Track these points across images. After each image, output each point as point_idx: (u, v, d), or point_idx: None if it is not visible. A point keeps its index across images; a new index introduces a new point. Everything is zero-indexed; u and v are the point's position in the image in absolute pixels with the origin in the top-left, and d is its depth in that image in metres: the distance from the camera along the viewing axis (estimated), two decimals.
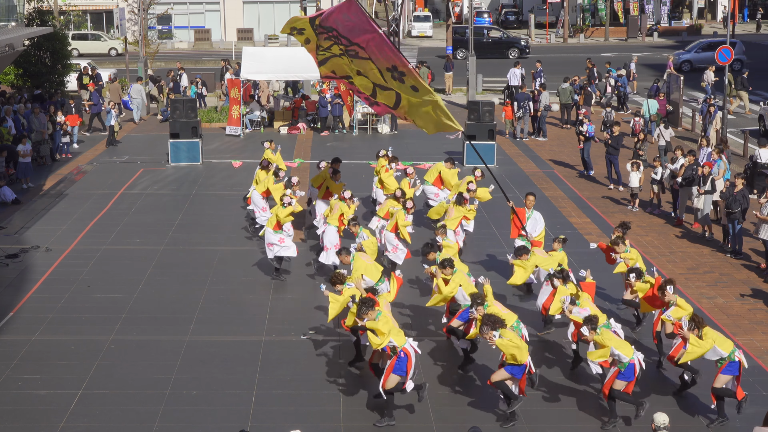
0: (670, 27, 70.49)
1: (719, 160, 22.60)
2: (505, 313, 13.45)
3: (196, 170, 27.61)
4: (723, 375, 12.59)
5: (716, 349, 12.54)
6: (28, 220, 22.29)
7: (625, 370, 12.47)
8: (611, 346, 12.44)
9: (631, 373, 12.49)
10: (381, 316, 12.45)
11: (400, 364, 12.37)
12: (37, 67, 35.18)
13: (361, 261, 14.91)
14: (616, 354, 12.42)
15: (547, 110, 33.32)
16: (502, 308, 13.71)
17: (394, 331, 12.50)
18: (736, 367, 12.57)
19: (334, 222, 18.02)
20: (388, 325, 12.45)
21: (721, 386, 12.64)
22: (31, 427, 12.64)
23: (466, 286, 14.48)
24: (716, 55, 29.72)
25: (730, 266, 19.29)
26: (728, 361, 12.53)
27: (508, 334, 12.38)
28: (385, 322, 12.44)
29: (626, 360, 12.41)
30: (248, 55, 33.13)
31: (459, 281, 14.47)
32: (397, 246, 17.76)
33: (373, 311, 12.39)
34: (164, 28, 63.35)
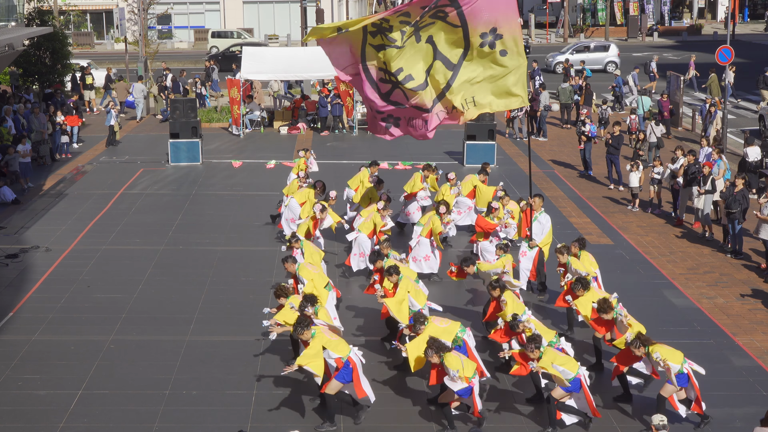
0: (670, 27, 70.52)
1: (719, 160, 22.61)
2: (446, 326, 13.16)
3: (196, 170, 27.60)
4: (669, 385, 12.39)
5: (667, 363, 12.30)
6: (28, 220, 22.29)
7: (570, 383, 12.29)
8: (553, 364, 12.20)
9: (576, 387, 12.28)
10: (316, 335, 12.32)
11: (345, 372, 12.30)
12: (37, 67, 35.17)
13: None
14: (560, 370, 12.21)
15: (548, 110, 33.32)
16: (441, 323, 13.30)
17: (333, 344, 12.34)
18: (685, 378, 12.37)
19: (365, 230, 17.99)
20: (318, 347, 12.23)
21: (667, 395, 12.45)
22: (31, 427, 12.64)
23: (414, 293, 14.30)
24: (716, 55, 29.70)
25: (730, 266, 19.29)
26: (677, 373, 12.31)
27: (451, 359, 12.11)
28: (317, 343, 12.25)
29: (571, 376, 12.23)
30: (248, 55, 33.13)
31: (406, 288, 14.24)
32: (428, 256, 17.77)
33: (308, 330, 12.29)
34: (164, 28, 63.40)
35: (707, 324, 16.26)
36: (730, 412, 13.07)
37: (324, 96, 33.56)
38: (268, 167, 27.91)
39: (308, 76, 34.50)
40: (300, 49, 38.28)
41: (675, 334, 15.78)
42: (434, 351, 12.14)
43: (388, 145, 31.00)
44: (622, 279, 18.48)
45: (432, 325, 13.08)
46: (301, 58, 33.84)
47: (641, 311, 16.82)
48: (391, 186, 25.48)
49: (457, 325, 13.34)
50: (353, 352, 12.50)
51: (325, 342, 12.31)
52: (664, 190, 23.71)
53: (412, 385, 13.84)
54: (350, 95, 33.12)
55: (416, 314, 13.38)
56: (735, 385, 13.94)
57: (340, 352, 12.34)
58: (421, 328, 12.96)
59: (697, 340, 15.57)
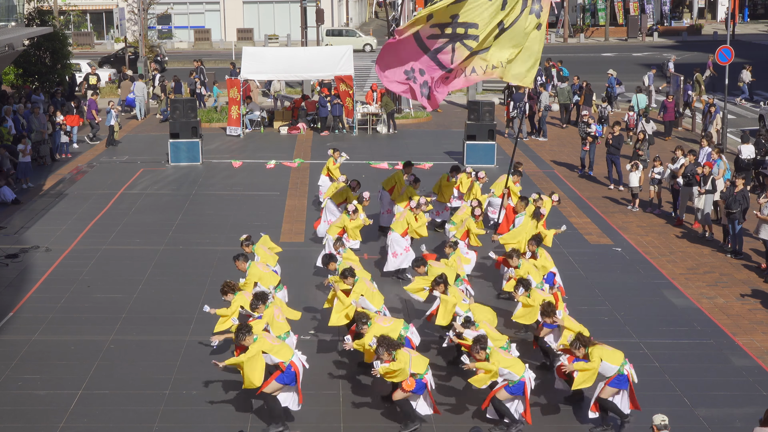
0: (670, 27, 70.53)
1: (719, 160, 22.62)
2: (389, 325, 13.14)
3: (196, 170, 27.61)
4: (609, 387, 12.28)
5: (605, 365, 12.21)
6: (28, 220, 22.30)
7: (513, 386, 12.21)
8: (499, 367, 12.10)
9: (519, 390, 12.21)
10: (257, 340, 12.27)
11: (286, 375, 12.26)
12: (37, 67, 35.19)
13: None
14: (505, 373, 12.12)
15: (548, 110, 33.33)
16: (384, 322, 13.27)
17: (275, 349, 12.30)
18: (624, 380, 12.24)
19: (398, 229, 17.97)
20: (257, 351, 12.18)
21: (606, 398, 12.35)
22: (31, 427, 12.64)
23: (369, 295, 14.23)
24: (716, 55, 29.73)
25: (730, 266, 19.29)
26: (616, 374, 12.19)
27: (400, 356, 12.06)
28: (257, 347, 12.20)
29: (516, 378, 12.15)
30: (248, 55, 33.14)
31: (360, 290, 14.19)
32: (465, 253, 17.79)
33: (250, 336, 12.25)
34: (164, 28, 63.40)
35: (707, 324, 16.26)
36: (730, 412, 13.07)
37: (324, 96, 33.56)
38: (268, 167, 27.92)
39: (308, 76, 34.51)
40: (300, 49, 38.32)
41: (675, 334, 15.79)
42: (385, 349, 12.08)
43: (388, 145, 31.03)
44: (622, 279, 18.49)
45: (376, 324, 13.08)
46: (301, 58, 33.86)
47: (641, 311, 16.87)
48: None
49: (400, 322, 13.36)
50: (296, 356, 12.45)
51: (266, 348, 12.25)
52: (664, 190, 23.71)
53: None
54: (350, 95, 33.12)
55: (358, 313, 13.37)
56: (735, 385, 13.94)
57: (282, 356, 12.28)
58: (364, 328, 12.96)
59: (697, 340, 15.58)
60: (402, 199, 19.93)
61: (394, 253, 17.87)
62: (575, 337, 12.47)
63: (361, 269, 14.97)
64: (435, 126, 35.04)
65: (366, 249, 19.37)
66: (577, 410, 13.15)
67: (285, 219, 22.41)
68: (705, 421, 12.87)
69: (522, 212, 17.55)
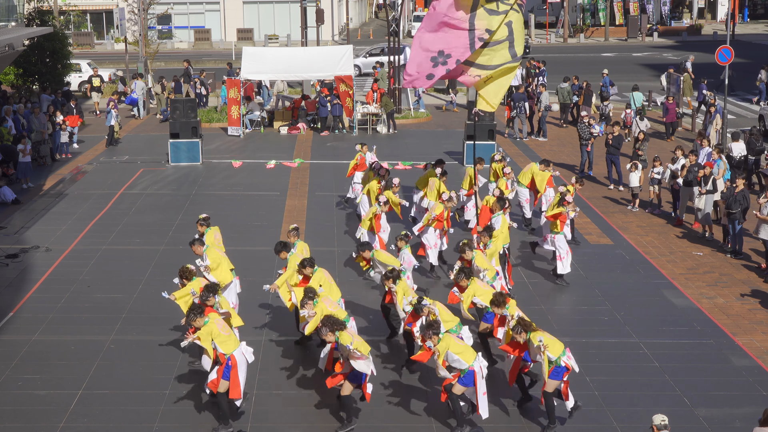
0: (670, 27, 70.53)
1: (719, 160, 22.61)
2: (334, 309, 13.21)
3: (196, 170, 27.61)
4: (551, 380, 12.17)
5: (546, 354, 12.11)
6: (28, 220, 22.30)
7: (464, 376, 12.14)
8: (448, 351, 12.03)
9: (470, 380, 12.12)
10: (208, 323, 12.30)
11: (227, 369, 12.26)
12: (37, 67, 35.20)
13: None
14: (455, 359, 12.06)
15: (548, 110, 33.34)
16: (330, 305, 13.32)
17: (222, 338, 12.29)
18: (563, 370, 12.18)
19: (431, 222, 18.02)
20: (208, 333, 12.24)
21: (551, 391, 12.29)
22: (31, 427, 12.64)
23: (327, 287, 14.22)
24: (716, 55, 29.72)
25: (730, 266, 19.29)
26: (555, 365, 12.12)
27: (345, 337, 12.09)
28: (208, 330, 12.24)
29: (465, 366, 12.08)
30: (248, 55, 33.15)
31: (319, 281, 14.20)
32: None
33: (201, 318, 12.28)
34: (164, 28, 63.38)
35: (707, 324, 16.26)
36: (730, 412, 13.07)
37: (324, 96, 33.56)
38: (268, 167, 27.92)
39: (308, 76, 34.52)
40: (300, 49, 38.31)
41: (675, 334, 15.80)
42: (329, 329, 12.11)
43: (388, 145, 31.01)
44: (622, 279, 18.50)
45: (322, 304, 13.17)
46: (301, 58, 33.87)
47: (641, 311, 16.87)
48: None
49: (343, 313, 13.44)
50: (240, 349, 12.43)
51: (215, 334, 12.30)
52: (664, 190, 23.72)
53: (410, 382, 13.85)
54: (350, 95, 33.14)
55: (306, 288, 13.42)
56: (735, 385, 13.94)
57: (226, 348, 12.29)
58: (309, 303, 13.04)
59: (697, 340, 15.58)
60: (432, 195, 20.00)
61: (427, 246, 17.99)
62: (516, 322, 12.39)
63: None
64: (435, 126, 35.04)
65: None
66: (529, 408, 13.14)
67: (285, 219, 22.41)
68: (705, 421, 12.87)
69: (498, 212, 17.54)
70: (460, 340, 12.57)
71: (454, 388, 12.23)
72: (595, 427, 12.73)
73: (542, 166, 20.88)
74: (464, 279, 14.07)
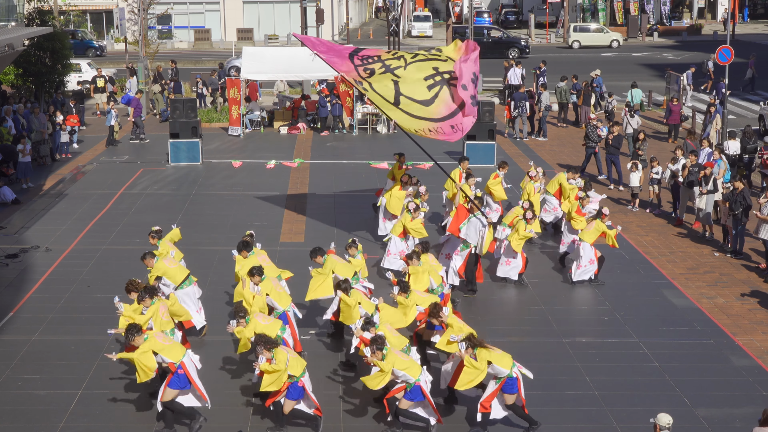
0: (670, 27, 70.52)
1: (720, 160, 22.61)
2: (267, 324, 13.14)
3: (196, 170, 27.61)
4: (507, 394, 12.16)
5: (495, 367, 12.10)
6: (28, 220, 22.29)
7: (410, 391, 12.10)
8: (394, 368, 11.97)
9: (417, 395, 12.09)
10: (148, 339, 12.26)
11: (177, 378, 12.25)
12: (37, 67, 35.17)
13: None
14: (400, 374, 12.01)
15: (548, 110, 33.34)
16: (263, 320, 13.26)
17: (166, 349, 12.29)
18: (514, 383, 12.14)
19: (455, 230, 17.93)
20: (147, 349, 12.20)
21: (511, 404, 12.26)
22: (31, 427, 12.64)
23: (275, 295, 14.19)
24: (716, 55, 29.72)
25: (731, 266, 19.29)
26: (507, 378, 12.08)
27: (279, 355, 12.05)
28: (148, 346, 12.21)
29: (411, 381, 12.04)
30: (248, 55, 33.14)
31: (266, 289, 14.14)
32: (511, 260, 17.79)
33: (140, 336, 12.24)
34: (164, 28, 63.36)
35: (707, 324, 16.26)
36: (730, 412, 13.07)
37: (324, 96, 33.56)
38: (268, 167, 27.92)
39: (308, 76, 34.46)
40: (300, 49, 38.23)
41: (675, 334, 15.80)
42: (263, 346, 12.06)
43: (388, 145, 31.00)
44: (622, 279, 18.50)
45: (254, 320, 13.10)
46: (301, 58, 33.76)
47: (641, 311, 16.87)
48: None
49: (278, 323, 13.40)
50: (187, 356, 12.42)
51: (157, 348, 12.25)
52: (664, 190, 23.72)
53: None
54: (350, 95, 33.13)
55: (237, 305, 13.38)
56: (735, 385, 13.94)
57: (173, 357, 12.27)
58: (242, 322, 12.99)
59: (697, 340, 15.58)
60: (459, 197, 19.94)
61: (447, 255, 17.93)
62: (465, 337, 12.26)
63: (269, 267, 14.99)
64: None
65: (369, 248, 19.34)
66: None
67: (285, 219, 22.41)
68: (705, 421, 12.87)
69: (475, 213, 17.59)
70: (405, 355, 12.42)
71: (400, 404, 12.19)
72: (595, 427, 12.73)
73: (570, 174, 20.59)
74: (401, 293, 13.89)
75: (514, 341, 15.42)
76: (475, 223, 17.29)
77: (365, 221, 21.93)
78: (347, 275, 14.75)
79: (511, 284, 18.09)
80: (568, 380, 14.06)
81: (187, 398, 12.47)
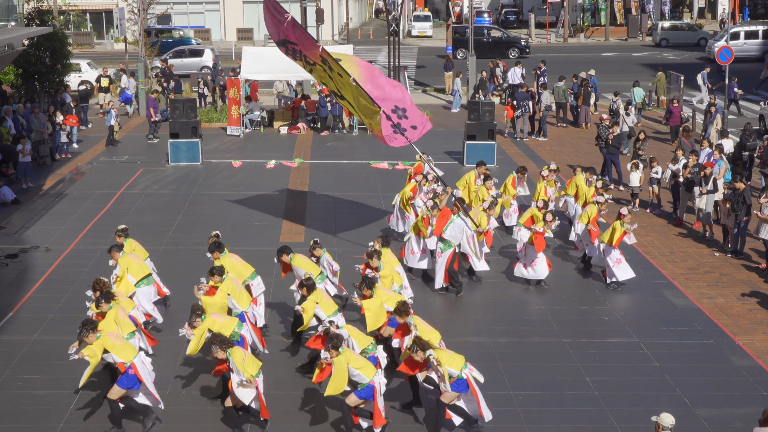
0: None
1: (720, 160, 22.61)
2: (224, 321, 13.13)
3: (196, 170, 27.60)
4: (451, 391, 12.01)
5: (446, 369, 11.97)
6: (28, 220, 22.29)
7: (363, 389, 12.04)
8: (348, 365, 11.90)
9: (368, 394, 12.02)
10: (100, 338, 12.28)
11: (126, 378, 12.26)
12: (37, 67, 35.16)
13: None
14: (355, 374, 11.95)
15: (548, 110, 33.35)
16: (219, 317, 13.26)
17: (118, 348, 12.30)
18: (464, 384, 12.03)
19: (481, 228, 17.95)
20: (98, 348, 12.22)
21: (449, 402, 12.13)
22: (31, 427, 12.64)
23: (236, 295, 14.18)
24: (716, 55, 29.71)
25: (731, 266, 19.29)
26: (455, 379, 11.98)
27: (237, 353, 12.03)
28: (100, 344, 12.23)
29: (366, 381, 11.99)
30: (248, 55, 33.13)
31: (227, 289, 14.14)
32: (535, 260, 17.76)
33: (93, 333, 12.24)
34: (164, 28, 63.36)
35: (707, 324, 16.26)
36: (730, 412, 13.07)
37: (324, 96, 33.56)
38: (268, 167, 27.92)
39: (308, 76, 34.43)
40: None
41: (675, 334, 15.80)
42: (218, 346, 12.05)
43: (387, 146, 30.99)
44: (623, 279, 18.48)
45: (210, 318, 13.07)
46: None
47: (641, 311, 16.87)
48: (391, 186, 25.53)
49: (234, 320, 13.38)
50: (138, 358, 12.42)
51: (108, 346, 12.27)
52: (664, 190, 23.71)
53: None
54: None
55: (194, 305, 13.36)
56: (735, 385, 13.94)
57: (124, 357, 12.28)
58: (198, 321, 12.97)
59: (697, 340, 15.58)
60: (475, 200, 19.91)
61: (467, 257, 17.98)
62: (413, 341, 12.19)
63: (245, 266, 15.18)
64: (435, 126, 34.90)
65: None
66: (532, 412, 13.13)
67: (285, 219, 22.41)
68: (705, 421, 12.87)
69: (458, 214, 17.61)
70: (361, 356, 12.35)
71: (348, 399, 12.15)
72: (595, 427, 12.73)
73: (587, 174, 20.62)
74: (366, 288, 13.86)
75: (515, 341, 15.43)
76: (459, 224, 17.29)
77: (365, 221, 21.94)
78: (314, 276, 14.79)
79: (511, 285, 18.08)
80: (568, 380, 14.06)
81: (140, 398, 12.48)
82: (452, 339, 15.50)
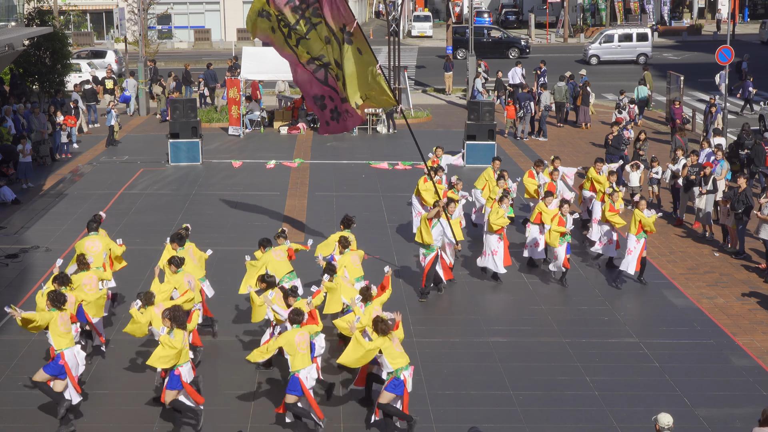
0: (670, 27, 70.50)
1: (722, 161, 22.60)
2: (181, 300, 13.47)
3: (196, 170, 27.60)
4: (386, 392, 12.02)
5: (383, 360, 11.98)
6: (28, 220, 22.29)
7: (289, 382, 12.20)
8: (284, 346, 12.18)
9: (295, 387, 12.13)
10: (54, 312, 12.71)
11: (53, 365, 12.52)
12: (37, 67, 35.20)
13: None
14: (287, 358, 12.14)
15: (548, 110, 33.34)
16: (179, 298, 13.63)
17: (58, 333, 12.59)
18: (400, 385, 11.98)
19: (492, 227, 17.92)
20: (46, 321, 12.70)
21: (385, 402, 12.09)
22: (31, 427, 12.64)
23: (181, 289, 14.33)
24: (716, 55, 29.72)
25: (731, 266, 19.29)
26: (393, 377, 11.96)
27: (179, 335, 12.18)
28: (47, 320, 12.67)
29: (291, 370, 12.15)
30: (248, 55, 33.13)
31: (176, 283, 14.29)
32: (556, 255, 17.80)
33: (50, 311, 12.67)
34: (164, 28, 63.41)
35: (707, 324, 16.26)
36: (730, 412, 13.07)
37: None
38: (268, 167, 27.92)
39: None
40: None
41: (675, 334, 15.80)
42: (172, 323, 12.23)
43: (387, 145, 31.03)
44: (622, 279, 18.47)
45: (151, 311, 13.25)
46: None
47: (641, 311, 16.88)
48: (391, 186, 25.55)
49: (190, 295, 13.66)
50: (71, 351, 12.62)
51: (51, 327, 12.67)
52: (664, 190, 23.70)
53: None
54: None
55: (147, 292, 13.54)
56: (735, 385, 13.94)
57: (57, 344, 12.59)
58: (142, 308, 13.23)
59: (697, 340, 15.58)
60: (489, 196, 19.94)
61: (491, 252, 17.95)
62: (374, 320, 12.18)
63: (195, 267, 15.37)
64: (435, 126, 35.04)
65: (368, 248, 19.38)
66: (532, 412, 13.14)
67: (285, 219, 22.41)
68: (705, 421, 12.87)
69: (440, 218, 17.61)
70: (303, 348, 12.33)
71: (287, 398, 12.25)
72: (595, 427, 12.73)
73: (599, 165, 20.74)
74: (329, 279, 14.09)
75: (515, 341, 15.44)
76: (438, 229, 17.17)
77: (365, 221, 21.93)
78: (280, 273, 14.92)
79: (511, 285, 18.08)
80: (568, 380, 14.07)
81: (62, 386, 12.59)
82: (452, 339, 15.54)
